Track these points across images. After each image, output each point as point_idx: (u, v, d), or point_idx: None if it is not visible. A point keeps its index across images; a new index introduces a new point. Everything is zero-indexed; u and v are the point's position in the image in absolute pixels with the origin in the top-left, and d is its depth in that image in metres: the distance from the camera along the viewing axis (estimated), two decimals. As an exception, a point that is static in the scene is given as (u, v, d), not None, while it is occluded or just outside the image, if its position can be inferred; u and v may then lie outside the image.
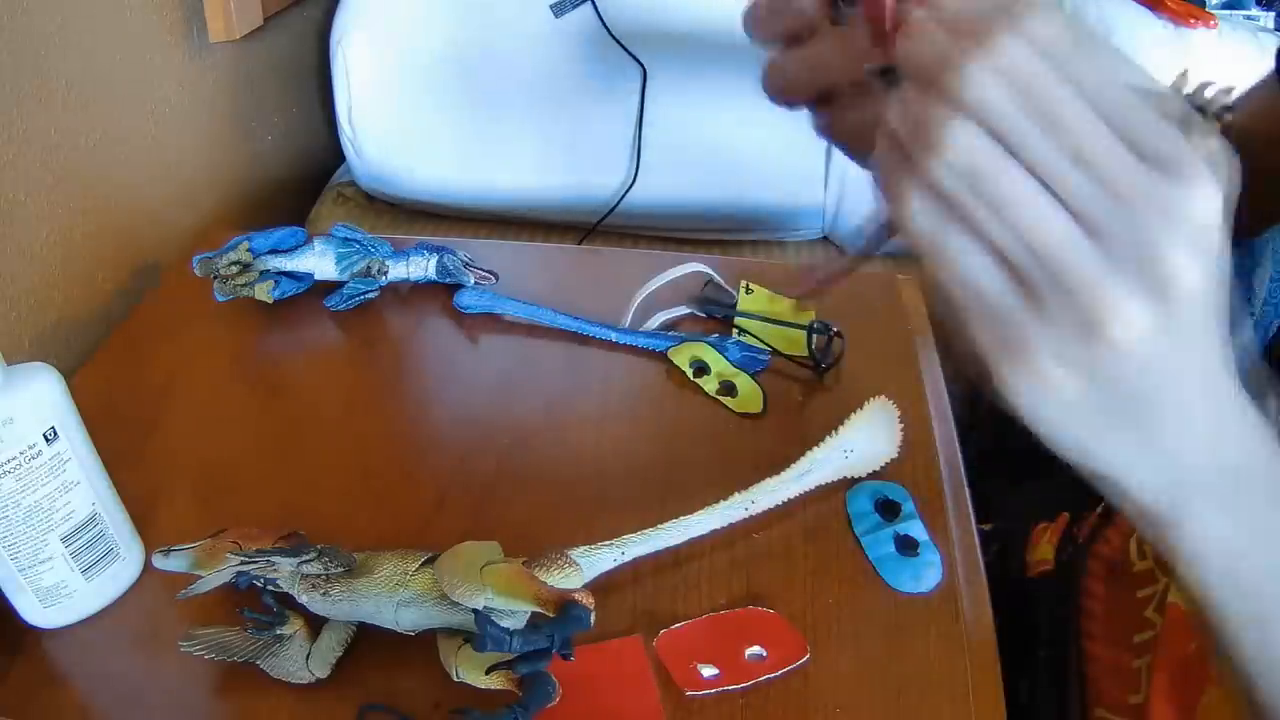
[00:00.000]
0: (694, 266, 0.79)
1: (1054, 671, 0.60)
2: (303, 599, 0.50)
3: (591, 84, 1.06)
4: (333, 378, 0.72)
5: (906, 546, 0.57)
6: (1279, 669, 0.35)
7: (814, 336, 0.71)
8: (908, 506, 0.59)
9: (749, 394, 0.69)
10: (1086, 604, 0.61)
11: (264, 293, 0.74)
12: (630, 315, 0.75)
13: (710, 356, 0.71)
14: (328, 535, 0.52)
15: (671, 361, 0.72)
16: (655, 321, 0.75)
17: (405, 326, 0.77)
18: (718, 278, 0.79)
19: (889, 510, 0.59)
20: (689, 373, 0.70)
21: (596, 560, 0.52)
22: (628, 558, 0.53)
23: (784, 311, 0.75)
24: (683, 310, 0.77)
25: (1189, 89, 0.52)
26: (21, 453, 0.48)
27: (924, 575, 0.55)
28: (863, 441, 0.61)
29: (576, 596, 0.45)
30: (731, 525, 0.57)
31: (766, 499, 0.58)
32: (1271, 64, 0.59)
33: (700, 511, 0.56)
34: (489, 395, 0.70)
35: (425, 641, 0.49)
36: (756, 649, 0.51)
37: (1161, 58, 1.06)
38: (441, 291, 0.78)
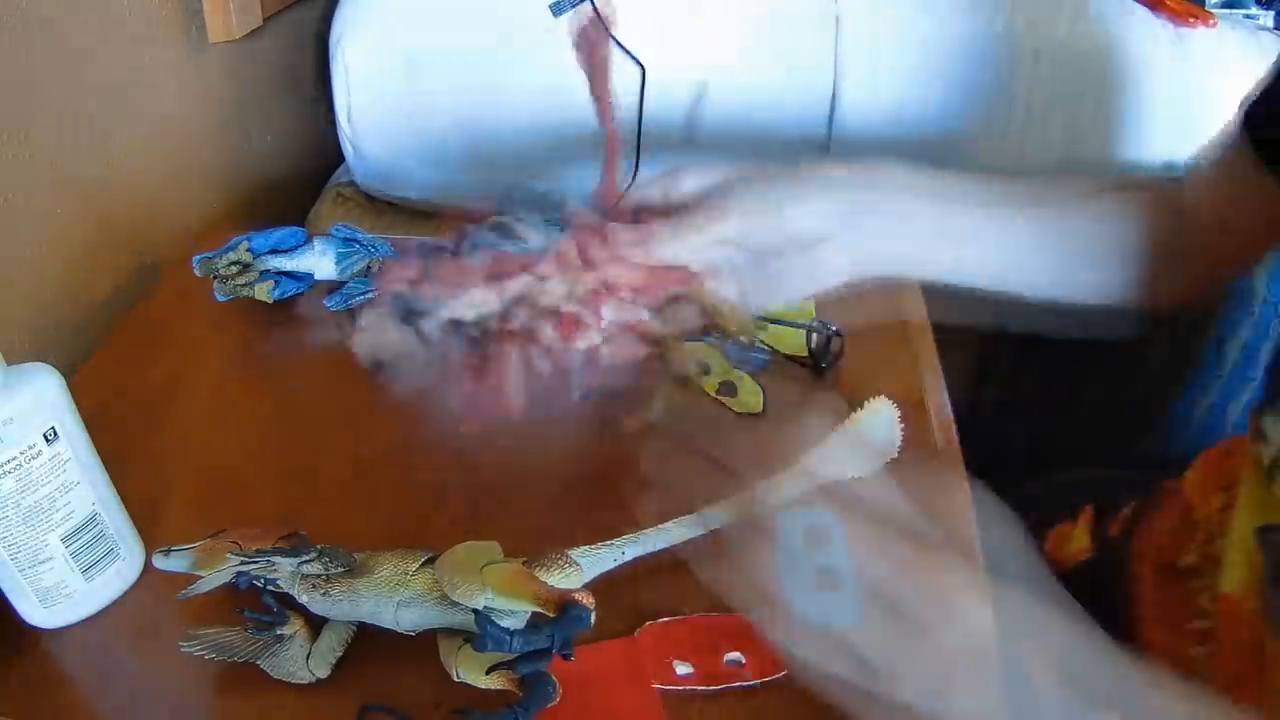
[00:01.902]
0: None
1: None
2: (303, 599, 0.50)
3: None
4: (333, 378, 0.72)
5: (906, 546, 0.56)
6: None
7: (814, 336, 0.71)
8: (908, 506, 0.59)
9: (749, 394, 0.69)
10: (1137, 590, 0.60)
11: (264, 293, 0.74)
12: (630, 315, 0.75)
13: (710, 356, 0.71)
14: (328, 535, 0.52)
15: (671, 361, 0.72)
16: (655, 321, 0.75)
17: (405, 326, 0.77)
18: (718, 278, 0.79)
19: (889, 510, 0.59)
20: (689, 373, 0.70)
21: (596, 560, 0.52)
22: (628, 558, 0.53)
23: (783, 311, 0.75)
24: (683, 310, 0.77)
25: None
26: (21, 453, 0.48)
27: (924, 575, 0.55)
28: (863, 441, 0.60)
29: (576, 596, 0.45)
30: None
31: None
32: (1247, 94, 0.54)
33: (700, 512, 0.56)
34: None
35: (425, 641, 0.49)
36: (735, 655, 0.51)
37: (1161, 58, 1.06)
38: (441, 291, 0.78)
